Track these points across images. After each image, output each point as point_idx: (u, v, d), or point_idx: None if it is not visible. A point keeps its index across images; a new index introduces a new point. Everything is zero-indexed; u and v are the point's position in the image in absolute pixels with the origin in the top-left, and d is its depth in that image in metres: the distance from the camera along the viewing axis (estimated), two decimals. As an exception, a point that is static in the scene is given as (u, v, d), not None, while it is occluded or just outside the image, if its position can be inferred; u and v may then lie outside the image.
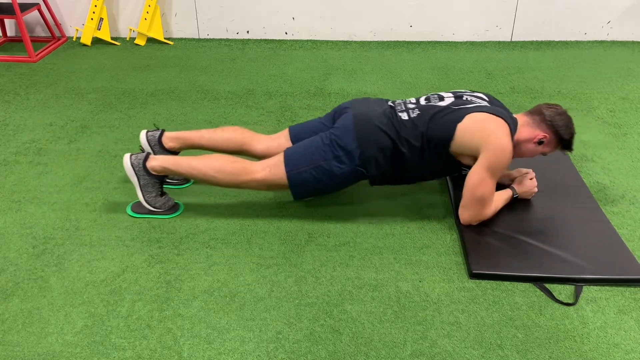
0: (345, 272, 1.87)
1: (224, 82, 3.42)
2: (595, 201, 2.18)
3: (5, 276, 1.85)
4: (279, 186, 2.07)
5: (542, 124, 2.00)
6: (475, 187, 1.94)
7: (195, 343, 1.60)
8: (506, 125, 1.92)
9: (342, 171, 2.02)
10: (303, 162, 2.03)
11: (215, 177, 2.04)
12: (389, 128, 2.00)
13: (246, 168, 2.04)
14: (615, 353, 1.57)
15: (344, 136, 2.01)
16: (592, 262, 1.85)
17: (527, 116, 2.05)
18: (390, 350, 1.58)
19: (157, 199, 2.12)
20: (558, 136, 2.00)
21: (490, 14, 4.02)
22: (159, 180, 2.10)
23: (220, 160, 2.06)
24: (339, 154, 2.01)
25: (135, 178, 2.07)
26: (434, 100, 2.08)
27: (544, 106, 2.04)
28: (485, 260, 1.87)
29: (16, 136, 2.78)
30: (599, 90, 3.27)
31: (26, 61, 3.75)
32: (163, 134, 2.25)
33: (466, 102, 2.03)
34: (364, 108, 2.09)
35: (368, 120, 2.02)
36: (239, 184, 2.06)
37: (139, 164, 2.05)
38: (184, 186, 2.35)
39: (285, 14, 4.10)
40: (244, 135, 2.24)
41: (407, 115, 2.02)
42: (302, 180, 2.03)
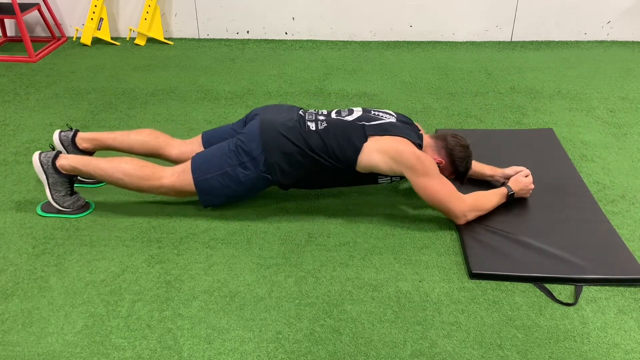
0: (345, 272, 1.87)
1: (224, 82, 3.42)
2: (595, 201, 2.18)
3: (5, 276, 1.85)
4: (188, 193, 2.07)
5: (442, 150, 2.06)
6: (430, 198, 1.98)
7: (195, 343, 1.60)
8: (407, 140, 1.98)
9: (248, 177, 2.02)
10: (209, 169, 2.03)
11: (123, 179, 2.04)
12: (295, 135, 2.00)
13: (155, 173, 2.04)
14: (615, 353, 1.57)
15: (250, 142, 2.02)
16: (592, 262, 1.85)
17: (432, 139, 2.11)
18: (390, 350, 1.58)
19: (65, 198, 2.11)
20: (453, 166, 2.06)
21: (490, 14, 4.02)
22: (68, 179, 2.09)
23: (130, 164, 2.05)
24: (244, 160, 2.01)
25: (44, 176, 2.06)
26: (343, 114, 2.10)
27: (450, 134, 2.10)
28: (485, 260, 1.87)
29: (16, 136, 2.78)
30: (599, 90, 3.27)
31: (26, 61, 3.75)
32: (77, 134, 2.25)
33: (373, 117, 2.06)
34: (272, 114, 2.10)
35: (273, 127, 2.03)
36: (147, 189, 2.06)
37: (48, 162, 2.04)
38: (98, 186, 2.34)
39: (285, 14, 4.10)
40: (158, 140, 2.24)
41: (315, 125, 2.03)
42: (209, 186, 2.04)
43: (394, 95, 3.23)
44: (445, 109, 3.05)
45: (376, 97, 3.20)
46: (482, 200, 2.05)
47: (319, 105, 3.10)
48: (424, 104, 3.11)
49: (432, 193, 1.96)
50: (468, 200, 2.01)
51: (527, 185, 2.14)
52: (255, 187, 2.08)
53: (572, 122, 2.89)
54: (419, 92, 3.28)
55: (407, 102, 3.14)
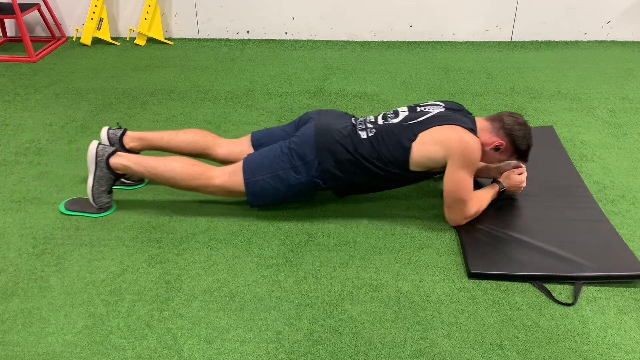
0: (345, 272, 1.87)
1: (224, 82, 3.42)
2: (594, 201, 2.18)
3: (5, 276, 1.85)
4: (237, 193, 2.07)
5: (501, 131, 2.01)
6: (454, 189, 1.95)
7: (195, 343, 1.60)
8: (460, 127, 1.95)
9: (299, 181, 2.02)
10: (261, 170, 2.03)
11: (174, 178, 2.04)
12: (348, 143, 2.00)
13: (206, 172, 2.04)
14: (615, 353, 1.57)
15: (303, 146, 2.01)
16: (591, 260, 1.85)
17: (487, 121, 2.05)
18: (390, 350, 1.58)
19: (103, 195, 2.11)
20: (514, 145, 2.02)
21: (490, 14, 4.02)
22: (115, 177, 2.10)
23: (181, 163, 2.06)
24: (297, 164, 2.01)
25: (93, 167, 2.06)
26: (390, 117, 2.09)
27: (505, 114, 2.05)
28: (484, 260, 1.87)
29: (16, 136, 2.78)
30: (599, 90, 3.27)
31: (26, 61, 3.75)
32: (125, 133, 2.26)
33: (419, 114, 2.04)
34: (327, 120, 2.09)
35: (328, 133, 2.02)
36: (197, 188, 2.06)
37: (103, 156, 2.05)
38: (138, 187, 2.34)
39: (285, 14, 4.10)
40: (207, 139, 2.24)
41: (366, 134, 2.03)
42: (259, 188, 2.03)
43: (394, 95, 3.23)
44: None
45: (376, 97, 3.20)
46: (481, 204, 2.05)
47: (320, 105, 3.10)
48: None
49: (458, 187, 1.94)
50: (474, 206, 2.01)
51: (519, 183, 2.12)
52: (304, 191, 2.08)
53: (572, 122, 2.89)
54: (419, 92, 3.28)
55: (407, 102, 3.14)
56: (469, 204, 1.99)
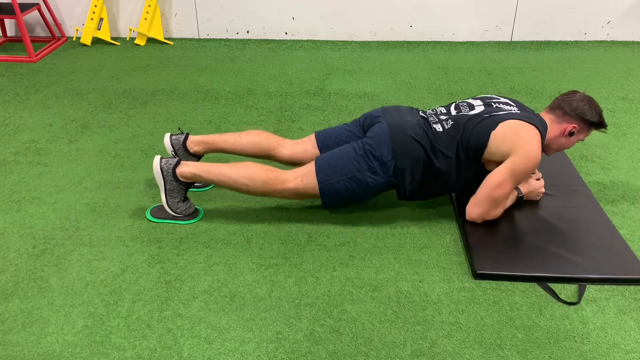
0: (345, 272, 1.87)
1: (224, 82, 3.42)
2: (595, 201, 2.18)
3: (5, 276, 1.85)
4: (311, 195, 2.05)
5: (566, 116, 2.01)
6: (495, 187, 1.94)
7: (195, 343, 1.60)
8: (538, 134, 1.93)
9: (376, 182, 2.00)
10: (336, 173, 2.00)
11: (247, 185, 2.01)
12: (424, 139, 1.98)
13: (278, 177, 2.01)
14: (615, 353, 1.57)
15: (379, 147, 1.98)
16: (596, 262, 1.85)
17: (550, 113, 2.05)
18: (390, 350, 1.58)
19: (179, 204, 2.09)
20: (586, 121, 2.01)
21: (490, 14, 4.02)
22: (186, 186, 2.07)
23: (252, 168, 2.02)
24: (374, 165, 1.98)
25: (162, 182, 2.04)
26: (464, 109, 2.07)
27: (560, 98, 2.05)
28: (489, 260, 1.87)
29: (16, 136, 2.78)
30: (599, 90, 3.27)
31: (26, 61, 3.75)
32: (187, 137, 2.24)
33: (497, 109, 2.03)
34: (398, 118, 2.06)
35: (403, 131, 2.00)
36: (270, 193, 2.03)
37: (169, 169, 2.02)
38: (206, 189, 2.33)
39: (285, 14, 4.10)
40: (270, 141, 2.21)
41: (442, 126, 2.01)
42: (335, 190, 2.01)
43: (394, 95, 3.23)
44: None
45: (376, 97, 3.20)
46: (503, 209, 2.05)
47: (319, 105, 3.10)
48: (424, 104, 3.11)
49: (501, 191, 1.94)
50: (500, 210, 2.02)
51: (538, 188, 2.13)
52: (379, 191, 2.06)
53: (572, 122, 2.89)
54: (419, 92, 3.28)
55: (407, 102, 3.14)
56: (499, 207, 2.00)
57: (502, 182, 1.93)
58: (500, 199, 1.97)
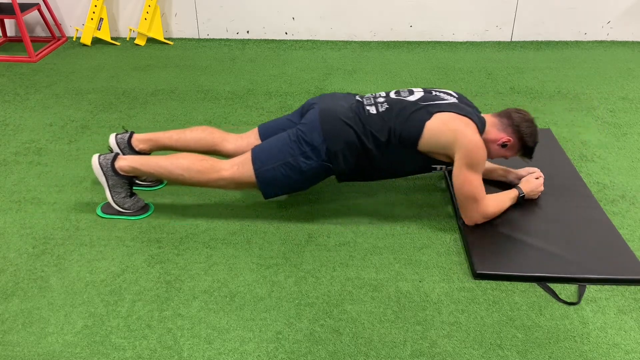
0: (345, 272, 1.87)
1: (224, 82, 3.42)
2: (595, 201, 2.18)
3: (5, 276, 1.85)
4: (248, 184, 2.06)
5: (509, 128, 2.01)
6: (462, 187, 1.95)
7: (195, 343, 1.60)
8: (473, 124, 1.95)
9: (310, 167, 2.01)
10: (270, 159, 2.01)
11: (183, 175, 2.03)
12: (355, 122, 1.99)
13: (214, 166, 2.03)
14: (615, 353, 1.57)
15: (310, 132, 2.00)
16: (596, 262, 1.85)
17: (495, 117, 2.06)
18: (390, 350, 1.58)
19: (125, 200, 2.11)
20: (522, 142, 2.02)
21: (490, 14, 4.02)
22: (128, 180, 2.10)
23: (188, 159, 2.05)
24: (306, 150, 2.00)
25: (103, 178, 2.06)
26: (403, 94, 2.08)
27: (512, 110, 2.05)
28: (489, 260, 1.87)
29: (16, 136, 2.78)
30: (599, 90, 3.27)
31: (26, 61, 3.75)
32: (132, 136, 2.26)
33: (435, 97, 2.03)
34: (331, 103, 2.08)
35: (334, 115, 2.01)
36: (206, 183, 2.05)
37: (107, 164, 2.05)
38: (157, 188, 2.34)
39: (285, 14, 4.10)
40: (214, 136, 2.24)
41: (375, 109, 2.02)
42: (271, 177, 2.02)
43: (394, 95, 3.22)
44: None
45: (376, 97, 3.20)
46: (500, 205, 2.04)
47: (319, 105, 3.10)
48: (424, 104, 3.11)
49: (469, 187, 1.94)
50: (491, 205, 2.01)
51: (538, 187, 2.14)
52: (316, 177, 2.06)
53: (572, 122, 2.89)
54: (419, 92, 3.28)
55: (407, 102, 3.14)
56: (483, 202, 1.98)
57: (464, 180, 1.93)
58: (474, 193, 1.96)
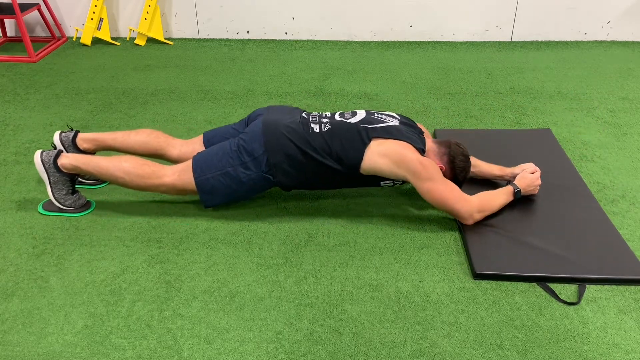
0: (345, 272, 1.87)
1: (224, 82, 3.42)
2: (595, 201, 2.18)
3: (5, 276, 1.85)
4: (189, 192, 2.07)
5: (445, 157, 2.07)
6: (433, 199, 1.98)
7: (195, 343, 1.60)
8: (409, 145, 1.98)
9: (249, 177, 2.02)
10: (210, 168, 2.02)
11: (124, 178, 2.04)
12: (297, 137, 2.00)
13: (156, 172, 2.04)
14: (615, 353, 1.57)
15: (252, 142, 2.01)
16: (596, 262, 1.85)
17: (436, 144, 2.11)
18: (390, 350, 1.58)
19: (67, 197, 2.11)
20: (453, 173, 2.07)
21: (490, 14, 4.02)
22: (70, 178, 2.10)
23: (130, 162, 2.05)
24: (246, 160, 2.01)
25: (45, 175, 2.06)
26: (347, 116, 2.10)
27: (453, 142, 2.10)
28: (488, 260, 1.87)
29: (16, 136, 2.78)
30: (599, 90, 3.27)
31: (26, 61, 3.75)
32: (77, 135, 2.26)
33: (376, 120, 2.06)
34: (276, 115, 2.10)
35: (276, 128, 2.02)
36: (147, 187, 2.07)
37: (50, 161, 2.05)
38: (99, 186, 2.34)
39: (285, 14, 4.10)
40: (159, 140, 2.24)
41: (319, 128, 2.03)
42: (210, 186, 2.03)
43: (394, 95, 3.23)
44: (445, 109, 3.05)
45: (376, 97, 3.20)
46: (488, 200, 2.05)
47: (320, 105, 3.10)
48: (424, 104, 3.11)
49: (438, 196, 1.96)
50: (475, 201, 2.01)
51: (534, 181, 2.13)
52: (256, 188, 2.08)
53: (572, 122, 2.89)
54: (419, 92, 3.28)
55: (407, 102, 3.14)
56: (461, 201, 1.98)
57: (429, 191, 1.96)
58: (449, 197, 1.97)
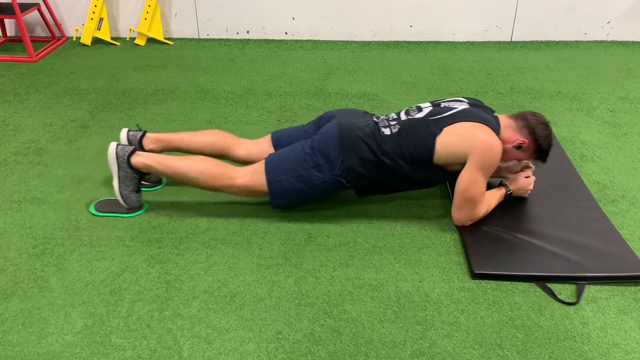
0: (345, 272, 1.87)
1: (224, 82, 3.42)
2: (594, 200, 2.18)
3: (5, 276, 1.85)
4: (260, 193, 2.06)
5: (524, 130, 2.00)
6: (466, 188, 1.94)
7: (195, 343, 1.60)
8: (485, 126, 1.94)
9: (322, 180, 2.01)
10: (283, 170, 2.02)
11: (197, 179, 2.04)
12: (371, 141, 1.99)
13: (228, 172, 2.04)
14: (615, 353, 1.57)
15: (326, 144, 2.00)
16: (594, 260, 1.85)
17: (511, 119, 2.05)
18: (390, 350, 1.58)
19: (131, 194, 2.11)
20: (537, 144, 2.01)
21: (490, 14, 4.02)
22: (139, 176, 2.10)
23: (203, 163, 2.06)
24: (320, 163, 2.00)
25: (116, 167, 2.06)
26: (412, 113, 2.08)
27: (528, 113, 2.04)
28: (487, 260, 1.87)
29: (16, 136, 2.78)
30: (599, 90, 3.27)
31: (26, 61, 3.75)
32: (145, 135, 2.26)
33: (444, 109, 2.03)
34: (349, 118, 2.08)
35: (351, 131, 2.01)
36: (219, 188, 2.06)
37: (124, 156, 2.05)
38: (156, 188, 2.34)
39: (285, 14, 4.10)
40: (226, 140, 2.24)
41: (389, 130, 2.02)
42: (282, 188, 2.03)
43: (394, 95, 3.23)
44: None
45: (376, 97, 3.20)
46: (489, 207, 2.04)
47: (320, 105, 3.10)
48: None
49: (473, 190, 1.94)
50: (483, 209, 2.01)
51: (526, 186, 2.13)
52: (327, 191, 2.06)
53: (572, 122, 2.89)
54: (419, 92, 3.28)
55: (407, 102, 3.14)
56: (479, 206, 1.99)
57: (472, 182, 1.93)
58: (477, 197, 1.96)
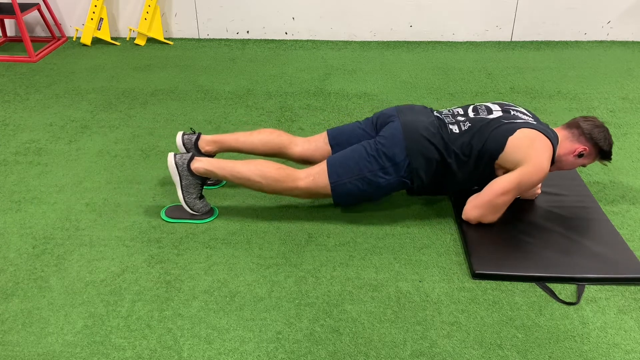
0: (345, 272, 1.87)
1: (224, 82, 3.42)
2: (595, 200, 2.18)
3: (5, 276, 1.85)
4: (322, 195, 2.05)
5: (582, 137, 2.01)
6: (499, 194, 1.94)
7: (195, 343, 1.60)
8: (551, 148, 1.94)
9: (388, 182, 2.00)
10: (347, 173, 2.00)
11: (260, 182, 2.01)
12: (437, 140, 1.97)
13: (290, 175, 2.02)
14: (615, 353, 1.57)
15: (392, 146, 1.98)
16: (595, 261, 1.85)
17: (565, 130, 2.05)
18: (390, 350, 1.58)
19: (196, 201, 2.09)
20: (598, 148, 2.01)
21: (490, 14, 4.02)
22: (201, 181, 2.08)
23: (265, 166, 2.03)
24: (386, 165, 1.98)
25: (177, 177, 2.04)
26: (482, 112, 2.07)
27: (580, 119, 2.04)
28: (487, 260, 1.87)
29: (16, 136, 2.78)
30: (599, 90, 3.27)
31: (26, 61, 3.75)
32: (200, 137, 2.25)
33: (514, 117, 2.03)
34: (411, 118, 2.05)
35: (416, 131, 1.99)
36: (281, 191, 2.04)
37: (184, 164, 2.03)
38: (217, 187, 2.34)
39: (285, 14, 4.10)
40: (281, 139, 2.22)
41: (458, 128, 2.01)
42: (347, 191, 2.01)
43: (394, 95, 3.23)
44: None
45: (376, 97, 3.20)
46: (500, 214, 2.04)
47: (319, 105, 3.10)
48: (423, 104, 3.11)
49: (504, 195, 1.93)
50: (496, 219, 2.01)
51: (534, 190, 2.14)
52: (391, 191, 2.06)
53: (572, 122, 2.89)
54: (419, 92, 3.28)
55: (407, 102, 3.14)
56: (497, 215, 2.00)
57: (507, 190, 1.93)
58: (501, 206, 1.97)
